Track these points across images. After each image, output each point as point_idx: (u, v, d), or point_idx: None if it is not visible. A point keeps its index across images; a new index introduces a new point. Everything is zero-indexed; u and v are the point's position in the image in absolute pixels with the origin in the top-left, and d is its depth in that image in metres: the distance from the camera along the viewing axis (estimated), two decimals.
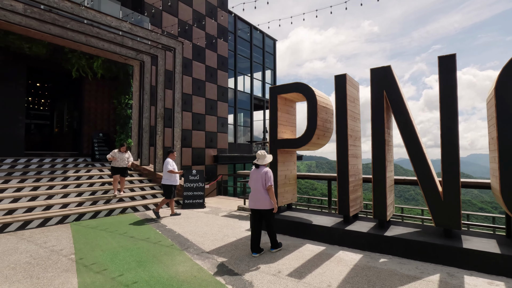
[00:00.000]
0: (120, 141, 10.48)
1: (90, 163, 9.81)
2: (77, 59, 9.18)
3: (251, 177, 4.53)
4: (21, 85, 9.05)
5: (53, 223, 6.02)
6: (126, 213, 7.23)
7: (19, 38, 8.03)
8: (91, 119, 10.65)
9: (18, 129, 8.98)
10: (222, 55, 15.96)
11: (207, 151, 14.82)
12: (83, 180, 8.31)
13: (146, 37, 8.29)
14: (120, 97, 10.60)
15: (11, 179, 7.31)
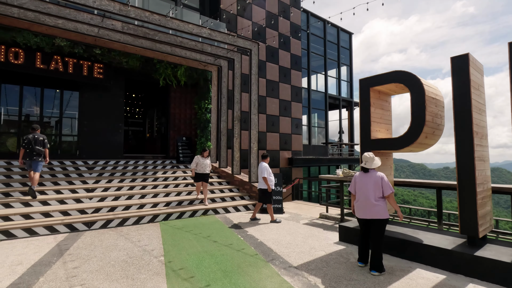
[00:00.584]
0: (200, 144, 10.95)
1: (176, 165, 10.49)
2: (164, 69, 9.94)
3: (358, 183, 3.90)
4: (121, 96, 10.27)
5: (145, 222, 6.42)
6: (208, 215, 7.32)
7: (118, 54, 9.08)
8: (176, 124, 11.46)
9: (118, 135, 10.19)
10: (296, 54, 15.46)
11: (281, 153, 14.49)
12: (169, 181, 8.86)
13: (223, 40, 8.38)
14: (200, 102, 11.10)
15: (113, 179, 8.23)
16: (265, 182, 6.49)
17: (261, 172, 6.54)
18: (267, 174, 6.51)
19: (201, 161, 7.68)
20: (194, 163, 7.69)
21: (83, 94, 9.60)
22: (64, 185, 7.42)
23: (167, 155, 11.40)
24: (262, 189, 6.58)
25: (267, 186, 6.46)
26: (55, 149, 9.26)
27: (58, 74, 8.56)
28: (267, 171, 6.54)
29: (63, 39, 8.10)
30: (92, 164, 9.16)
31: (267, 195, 6.57)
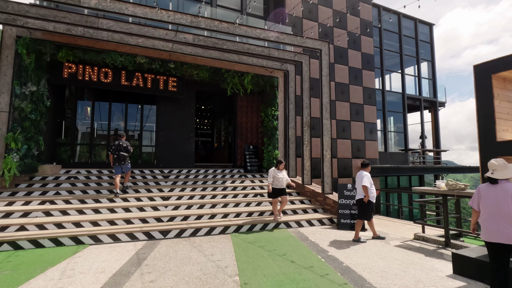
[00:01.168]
0: (268, 152, 10.59)
1: (243, 174, 10.31)
2: (231, 78, 9.98)
3: (484, 196, 2.98)
4: (192, 107, 10.67)
5: (217, 233, 6.21)
6: (279, 228, 6.78)
7: (190, 67, 9.44)
8: (242, 133, 11.40)
9: (190, 145, 10.55)
10: (367, 53, 14.13)
11: (354, 161, 13.19)
12: (238, 191, 8.65)
13: (292, 42, 7.92)
14: (267, 109, 10.81)
15: (186, 187, 8.40)
16: (364, 191, 5.64)
17: (360, 181, 5.72)
18: (369, 183, 5.67)
19: (277, 175, 6.86)
20: (270, 177, 6.87)
21: (159, 107, 10.24)
22: (143, 192, 7.82)
23: (235, 164, 11.36)
24: (361, 200, 5.76)
25: (365, 194, 5.63)
26: (136, 159, 10.00)
27: (139, 89, 9.27)
28: (369, 181, 5.71)
29: (143, 56, 8.75)
30: (167, 173, 9.59)
31: (366, 209, 5.72)
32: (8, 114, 7.28)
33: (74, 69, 8.48)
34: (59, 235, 5.25)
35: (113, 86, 9.01)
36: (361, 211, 5.80)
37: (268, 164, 10.61)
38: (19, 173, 7.31)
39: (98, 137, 10.01)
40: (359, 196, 5.80)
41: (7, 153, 7.18)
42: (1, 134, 7.19)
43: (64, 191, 7.31)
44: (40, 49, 7.69)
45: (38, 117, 7.90)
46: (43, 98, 8.10)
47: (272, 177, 6.87)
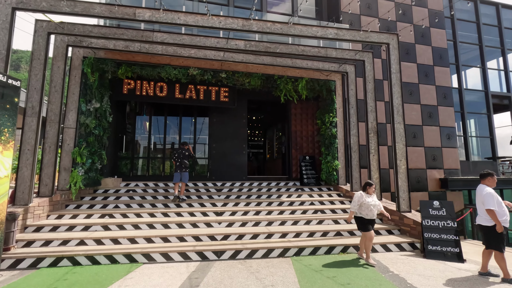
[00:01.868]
0: (326, 163, 9.58)
1: (300, 187, 9.44)
2: (284, 84, 9.37)
3: None
4: (244, 118, 10.29)
5: (275, 256, 5.46)
6: (348, 252, 5.74)
7: (241, 75, 9.10)
8: (297, 143, 10.60)
9: (242, 156, 10.12)
10: (439, 47, 12.28)
11: (429, 173, 11.30)
12: (296, 206, 7.82)
13: (353, 38, 7.00)
14: (324, 116, 9.88)
15: (240, 202, 7.86)
16: (491, 217, 4.25)
17: (484, 201, 4.32)
18: (495, 204, 4.24)
19: (366, 200, 5.22)
20: (355, 203, 5.26)
21: (211, 119, 10.08)
22: (197, 207, 7.50)
23: (290, 177, 10.56)
24: (486, 226, 4.37)
25: (495, 222, 4.21)
26: (190, 172, 9.88)
27: (192, 101, 9.21)
28: (495, 200, 4.28)
29: (195, 68, 8.68)
30: (220, 186, 9.23)
31: (495, 237, 4.26)
32: (75, 130, 7.70)
33: (132, 85, 8.78)
34: (114, 252, 5.07)
35: (168, 100, 9.09)
36: (489, 238, 4.34)
37: (327, 176, 9.57)
38: (84, 186, 7.61)
39: (154, 150, 10.21)
40: (483, 221, 4.37)
41: (74, 167, 7.54)
42: (69, 149, 7.60)
43: (123, 204, 7.36)
44: (102, 68, 8.09)
45: (101, 132, 8.25)
46: (106, 114, 8.47)
47: (358, 203, 5.24)
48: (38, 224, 5.96)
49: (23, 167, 6.11)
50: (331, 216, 7.28)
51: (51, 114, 6.99)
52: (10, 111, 4.72)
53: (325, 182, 9.86)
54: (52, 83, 7.07)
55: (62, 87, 7.11)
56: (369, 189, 5.40)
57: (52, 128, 6.97)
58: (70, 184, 7.39)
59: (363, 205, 5.23)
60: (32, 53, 6.42)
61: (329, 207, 7.75)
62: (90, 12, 5.99)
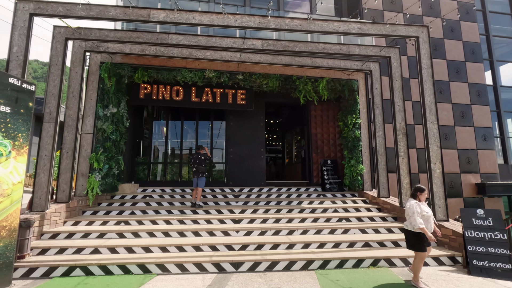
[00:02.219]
0: (350, 167, 9.01)
1: (321, 193, 8.91)
2: (303, 85, 8.95)
3: None
4: (261, 121, 9.94)
5: (297, 268, 5.00)
6: (378, 266, 5.18)
7: (258, 77, 8.79)
8: (318, 146, 10.10)
9: (261, 161, 9.75)
10: (471, 42, 11.42)
11: (464, 177, 10.40)
12: (318, 214, 7.32)
13: (378, 33, 6.50)
14: (346, 117, 9.34)
15: (258, 208, 7.47)
16: None
17: None
18: None
19: (424, 210, 4.30)
20: (417, 215, 4.18)
21: (228, 123, 9.81)
22: (213, 214, 7.19)
23: (310, 182, 10.05)
24: None
25: None
26: (207, 177, 9.63)
27: (208, 104, 8.99)
28: None
29: (211, 70, 8.47)
30: (238, 192, 8.89)
31: None
32: (92, 135, 7.66)
33: (149, 89, 8.69)
34: (128, 262, 4.83)
35: (184, 103, 8.93)
36: None
37: (351, 181, 8.99)
38: (101, 192, 7.52)
39: (172, 155, 10.06)
40: None
41: (91, 173, 7.48)
42: (87, 154, 7.56)
43: (139, 210, 7.18)
44: (119, 72, 8.05)
45: (118, 138, 8.18)
46: (123, 119, 8.41)
47: (420, 215, 4.22)
48: (54, 231, 5.86)
49: (40, 173, 6.07)
50: (357, 224, 6.72)
51: (69, 119, 6.97)
52: (24, 116, 4.63)
53: (348, 187, 9.28)
54: (70, 89, 7.07)
55: (79, 92, 7.10)
56: (422, 195, 4.39)
57: (70, 134, 6.94)
58: (87, 190, 7.33)
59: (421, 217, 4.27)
60: (50, 59, 6.43)
61: (355, 215, 7.19)
62: (105, 15, 5.90)
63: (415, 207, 4.25)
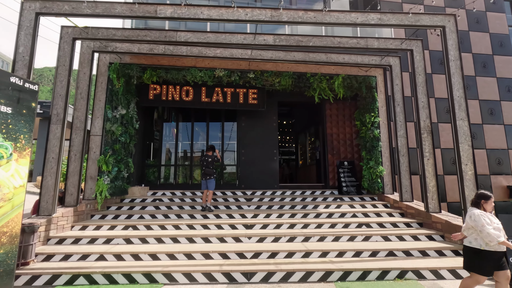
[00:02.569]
0: (368, 169, 8.47)
1: (338, 197, 8.41)
2: (318, 83, 8.52)
3: None
4: (274, 121, 9.56)
5: (315, 280, 4.57)
6: (406, 278, 4.67)
7: (270, 75, 8.42)
8: (334, 147, 9.60)
9: (274, 163, 9.36)
10: (499, 33, 10.65)
11: (494, 179, 9.62)
12: (335, 219, 6.85)
13: (400, 23, 6.01)
14: (364, 116, 8.82)
15: (271, 213, 7.08)
16: None
17: None
18: None
19: (494, 222, 3.44)
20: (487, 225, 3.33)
21: (240, 123, 9.49)
22: (224, 218, 6.85)
23: (326, 184, 9.56)
24: None
25: None
26: (218, 180, 9.34)
27: (219, 105, 8.70)
28: None
29: (221, 69, 8.17)
30: (250, 195, 8.53)
31: None
32: (101, 137, 7.50)
33: (158, 90, 8.49)
34: (133, 271, 4.53)
35: (194, 104, 8.68)
36: None
37: (370, 183, 8.45)
38: (110, 196, 7.33)
39: (182, 157, 9.83)
40: None
41: (99, 176, 7.31)
42: (95, 157, 7.40)
43: (148, 215, 6.93)
44: (128, 73, 7.88)
45: (128, 140, 8.00)
46: (133, 121, 8.24)
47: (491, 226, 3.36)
48: (61, 236, 5.67)
49: (47, 176, 5.91)
50: (379, 231, 6.21)
51: (77, 121, 6.83)
52: (26, 117, 4.44)
53: (367, 190, 8.74)
54: (78, 90, 6.93)
55: (87, 93, 6.95)
56: (488, 204, 3.54)
57: (78, 136, 6.79)
58: (96, 193, 7.15)
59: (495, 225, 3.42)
60: (58, 59, 6.30)
61: (376, 220, 6.67)
62: (111, 12, 5.71)
63: (483, 218, 3.40)
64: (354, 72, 8.66)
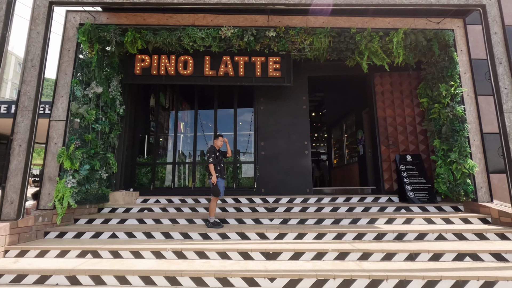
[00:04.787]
0: (448, 165, 5.73)
1: (402, 206, 5.71)
2: (366, 42, 5.94)
3: None
4: (304, 102, 7.10)
5: None
6: None
7: (298, 32, 5.97)
8: (389, 136, 6.93)
9: (304, 159, 6.93)
10: None
11: None
12: (412, 243, 4.22)
13: None
14: (435, 89, 6.10)
15: (306, 232, 4.57)
16: None
17: None
18: None
19: None
20: None
21: (257, 106, 7.14)
22: (234, 239, 4.49)
23: (379, 188, 6.88)
24: None
25: None
26: (229, 183, 7.00)
27: (228, 79, 6.41)
28: None
29: (229, 26, 5.86)
30: (272, 203, 6.10)
31: None
32: (65, 123, 5.45)
33: (147, 62, 6.35)
34: None
35: (195, 79, 6.45)
36: None
37: (451, 186, 5.70)
38: (76, 204, 5.21)
39: (183, 154, 7.64)
40: None
41: (60, 177, 5.23)
42: (56, 150, 5.35)
43: (124, 232, 4.71)
44: (104, 37, 5.78)
45: (107, 128, 5.91)
46: (115, 104, 6.17)
47: None
48: None
49: None
50: (502, 269, 3.50)
51: (25, 98, 4.80)
52: None
53: (443, 196, 5.98)
54: (28, 56, 4.92)
55: (41, 60, 4.92)
56: None
57: (25, 119, 4.75)
58: (54, 200, 5.06)
59: None
60: None
61: (485, 248, 3.96)
62: None
63: None
64: (420, 25, 6.02)
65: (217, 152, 5.14)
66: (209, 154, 5.03)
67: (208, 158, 5.00)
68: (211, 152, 5.03)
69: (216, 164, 5.06)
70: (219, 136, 5.29)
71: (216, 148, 5.18)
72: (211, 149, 5.08)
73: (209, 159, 4.98)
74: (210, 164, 4.96)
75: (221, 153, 5.29)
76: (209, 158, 4.99)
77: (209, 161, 4.97)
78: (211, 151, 5.06)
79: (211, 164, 4.96)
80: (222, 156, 5.30)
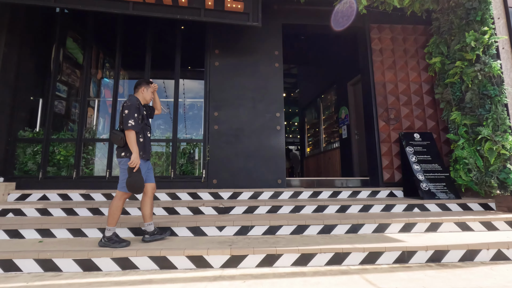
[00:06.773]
0: (472, 146, 4.06)
1: (414, 203, 3.95)
2: None
3: None
4: (277, 58, 5.03)
5: None
6: None
7: None
8: (389, 107, 5.12)
9: (276, 137, 4.86)
10: None
11: None
12: (458, 269, 2.37)
13: None
14: (460, 39, 4.38)
15: (278, 252, 2.53)
16: None
17: None
18: None
19: None
20: None
21: (210, 59, 4.91)
22: (144, 271, 2.29)
23: (375, 179, 5.07)
24: None
25: None
26: (163, 169, 4.75)
27: (164, 10, 4.10)
28: None
29: None
30: (227, 200, 4.01)
31: None
32: None
33: None
34: None
35: (108, 4, 4.04)
36: None
37: (479, 175, 4.02)
38: None
39: (95, 128, 5.19)
40: None
41: None
42: None
43: None
44: None
45: None
46: None
47: None
48: None
49: None
50: None
51: None
52: None
53: (465, 188, 4.34)
54: None
55: None
56: None
57: None
58: None
59: None
60: None
61: None
62: None
63: None
64: None
65: (142, 110, 2.87)
66: (129, 112, 2.73)
67: (127, 120, 2.71)
68: (133, 109, 2.74)
69: (140, 133, 2.81)
70: (148, 82, 3.01)
71: (140, 103, 2.89)
72: (133, 104, 2.78)
73: (127, 122, 2.70)
74: (130, 131, 2.69)
75: (148, 112, 3.05)
76: (129, 119, 2.71)
77: (128, 126, 2.69)
78: (132, 107, 2.76)
79: (130, 131, 2.69)
80: (149, 117, 3.06)
